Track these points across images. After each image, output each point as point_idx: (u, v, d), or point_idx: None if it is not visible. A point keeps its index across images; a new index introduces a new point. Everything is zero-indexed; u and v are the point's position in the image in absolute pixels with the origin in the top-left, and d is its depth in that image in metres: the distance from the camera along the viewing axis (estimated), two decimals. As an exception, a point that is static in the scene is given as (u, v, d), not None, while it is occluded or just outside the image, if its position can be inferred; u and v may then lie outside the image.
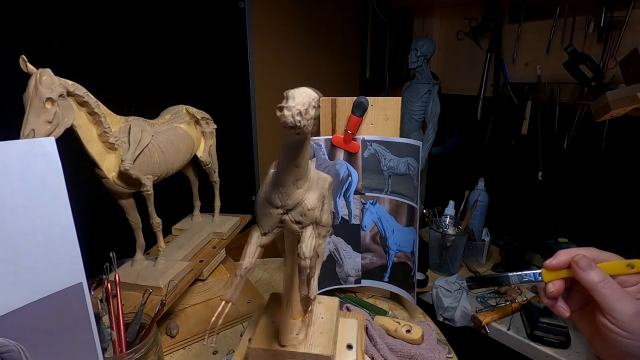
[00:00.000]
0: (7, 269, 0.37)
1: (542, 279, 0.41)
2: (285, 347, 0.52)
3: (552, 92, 1.24)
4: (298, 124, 0.33)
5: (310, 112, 0.34)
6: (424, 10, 1.54)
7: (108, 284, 0.55)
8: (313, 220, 0.44)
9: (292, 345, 0.52)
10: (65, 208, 0.41)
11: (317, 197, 0.44)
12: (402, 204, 0.81)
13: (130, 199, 0.70)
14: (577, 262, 0.38)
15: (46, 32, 0.80)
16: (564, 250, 0.40)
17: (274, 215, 0.44)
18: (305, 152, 0.40)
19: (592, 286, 0.36)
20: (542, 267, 0.41)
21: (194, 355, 0.71)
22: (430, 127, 1.39)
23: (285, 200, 0.43)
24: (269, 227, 0.45)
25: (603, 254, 0.39)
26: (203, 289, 0.85)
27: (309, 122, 0.34)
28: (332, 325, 0.55)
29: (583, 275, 0.37)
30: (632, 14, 1.06)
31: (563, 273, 0.40)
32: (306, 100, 0.34)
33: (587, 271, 0.37)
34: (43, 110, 0.50)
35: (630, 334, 0.35)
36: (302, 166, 0.41)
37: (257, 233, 0.45)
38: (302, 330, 0.54)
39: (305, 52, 1.45)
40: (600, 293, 0.36)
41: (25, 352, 0.39)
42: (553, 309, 0.41)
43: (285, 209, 0.44)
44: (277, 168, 0.43)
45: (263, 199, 0.44)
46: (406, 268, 0.84)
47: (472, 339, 1.07)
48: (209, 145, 0.87)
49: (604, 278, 0.36)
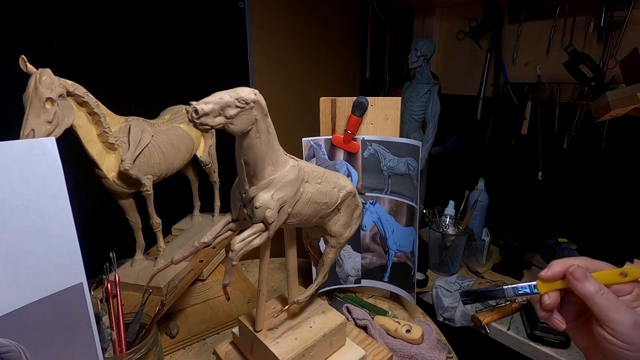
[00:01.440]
0: (8, 268, 0.37)
1: (537, 291, 0.40)
2: (258, 332, 0.54)
3: (552, 92, 1.24)
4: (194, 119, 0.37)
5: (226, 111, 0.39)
6: (424, 10, 1.54)
7: (108, 284, 0.54)
8: (262, 218, 0.45)
9: (263, 333, 0.54)
10: (66, 208, 0.41)
11: (273, 197, 0.45)
12: (402, 204, 0.81)
13: (130, 199, 0.70)
14: (572, 273, 0.37)
15: (46, 32, 0.80)
16: (557, 261, 0.40)
17: (237, 205, 0.48)
18: (250, 151, 0.43)
19: (589, 297, 0.36)
20: (537, 277, 0.41)
21: (194, 355, 0.71)
22: (430, 127, 1.39)
23: (242, 194, 0.47)
24: (236, 214, 0.49)
25: (595, 263, 0.39)
26: (203, 289, 0.85)
27: (212, 120, 0.38)
28: (312, 338, 0.54)
29: (579, 286, 0.37)
30: (632, 14, 1.06)
31: (558, 284, 0.39)
32: (214, 99, 0.38)
33: (582, 282, 0.36)
34: (43, 110, 0.50)
35: (629, 345, 0.34)
36: (251, 164, 0.44)
37: (228, 217, 0.49)
38: (281, 325, 0.56)
39: (305, 52, 1.45)
40: (597, 304, 0.35)
41: (25, 352, 0.39)
42: (549, 321, 0.40)
43: (243, 202, 0.47)
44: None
45: (234, 187, 0.48)
46: (406, 268, 0.84)
47: (472, 339, 1.07)
48: (208, 145, 0.87)
49: (599, 288, 0.36)
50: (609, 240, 1.19)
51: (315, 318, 0.58)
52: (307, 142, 0.80)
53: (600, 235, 1.21)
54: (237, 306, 0.82)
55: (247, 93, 0.40)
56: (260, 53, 1.26)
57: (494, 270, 1.27)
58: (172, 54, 1.03)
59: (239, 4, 1.16)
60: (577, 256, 0.40)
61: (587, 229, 1.23)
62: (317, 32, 1.47)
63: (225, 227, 0.49)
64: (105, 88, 0.63)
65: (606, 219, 1.21)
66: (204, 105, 0.36)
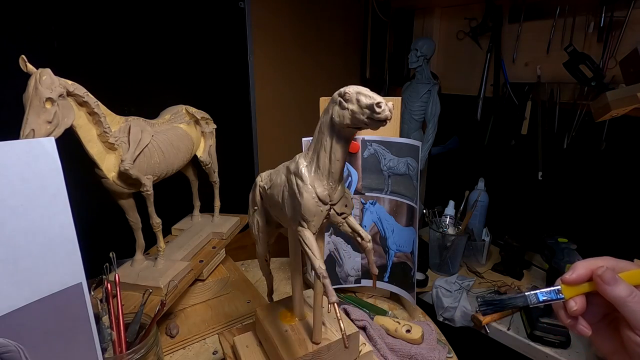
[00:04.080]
0: (7, 269, 0.37)
1: (562, 296, 0.37)
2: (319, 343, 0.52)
3: (552, 92, 1.24)
4: (390, 117, 0.37)
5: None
6: (424, 10, 1.54)
7: (108, 284, 0.54)
8: (353, 207, 0.46)
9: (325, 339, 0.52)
10: (65, 208, 0.41)
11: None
12: (402, 204, 0.82)
13: (130, 199, 0.70)
14: (601, 277, 0.34)
15: (46, 32, 0.80)
16: (581, 262, 0.37)
17: (323, 213, 0.44)
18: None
19: (620, 302, 0.33)
20: (559, 281, 0.37)
21: (194, 355, 0.71)
22: (430, 127, 1.39)
23: (332, 195, 0.44)
24: (319, 225, 0.44)
25: (621, 263, 0.36)
26: (203, 289, 0.85)
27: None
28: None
29: (609, 290, 0.34)
30: (632, 14, 1.06)
31: (584, 287, 0.36)
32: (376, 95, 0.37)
33: (612, 286, 0.34)
34: (43, 110, 0.50)
35: None
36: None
37: (312, 234, 0.44)
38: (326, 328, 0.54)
39: (305, 52, 1.45)
40: (630, 309, 0.33)
41: (25, 352, 0.39)
42: (573, 328, 0.37)
43: (331, 204, 0.44)
44: (321, 166, 0.43)
45: (313, 200, 0.43)
46: (406, 268, 0.84)
47: (472, 339, 1.07)
48: (208, 145, 0.87)
49: (631, 292, 0.33)
50: (609, 240, 1.19)
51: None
52: (307, 142, 0.80)
53: (600, 235, 1.21)
54: (237, 306, 0.82)
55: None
56: (260, 53, 1.26)
57: (494, 270, 1.27)
58: (172, 54, 1.04)
59: (239, 4, 1.16)
60: (599, 257, 0.37)
61: (587, 229, 1.23)
62: (317, 32, 1.48)
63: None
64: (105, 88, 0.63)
65: (606, 219, 1.21)
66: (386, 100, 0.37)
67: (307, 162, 0.44)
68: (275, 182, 0.49)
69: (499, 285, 1.17)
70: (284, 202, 0.46)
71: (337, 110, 0.40)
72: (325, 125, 0.42)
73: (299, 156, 0.46)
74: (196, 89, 1.12)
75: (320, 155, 0.43)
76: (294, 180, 0.44)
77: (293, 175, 0.44)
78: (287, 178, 0.46)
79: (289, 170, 0.45)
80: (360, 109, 0.38)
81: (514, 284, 1.17)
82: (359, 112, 0.38)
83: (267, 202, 0.53)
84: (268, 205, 0.53)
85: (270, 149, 1.39)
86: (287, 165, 0.47)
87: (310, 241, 0.43)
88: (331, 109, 0.41)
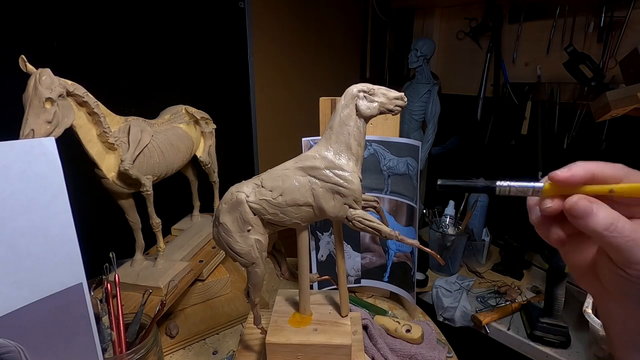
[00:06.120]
0: (7, 269, 0.37)
1: (540, 188, 0.31)
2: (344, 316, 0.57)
3: (552, 92, 1.24)
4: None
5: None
6: (424, 10, 1.54)
7: (108, 284, 0.54)
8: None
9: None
10: (65, 208, 0.41)
11: None
12: (402, 203, 0.81)
13: (129, 199, 0.70)
14: (571, 209, 0.28)
15: (46, 32, 0.80)
16: (581, 163, 0.30)
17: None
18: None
19: (598, 237, 0.27)
20: (547, 178, 0.31)
21: (194, 355, 0.71)
22: (430, 127, 1.39)
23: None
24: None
25: (633, 174, 0.29)
26: (203, 289, 0.85)
27: None
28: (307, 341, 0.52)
29: (583, 224, 0.27)
30: (632, 14, 1.06)
31: (568, 191, 0.30)
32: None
33: (586, 219, 0.27)
34: (43, 111, 0.50)
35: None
36: None
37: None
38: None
39: (305, 52, 1.45)
40: (610, 243, 0.26)
41: (25, 352, 0.39)
42: (547, 236, 0.32)
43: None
44: (354, 153, 0.48)
45: (361, 182, 0.48)
46: (406, 268, 0.84)
47: (472, 339, 1.07)
48: (208, 145, 0.87)
49: (609, 224, 0.26)
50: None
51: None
52: (307, 142, 0.80)
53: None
54: (237, 306, 0.82)
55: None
56: (260, 53, 1.26)
57: (494, 270, 1.27)
58: (172, 54, 1.04)
59: (239, 4, 1.16)
60: (607, 162, 0.30)
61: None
62: (317, 32, 1.48)
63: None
64: (105, 88, 0.63)
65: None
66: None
67: (334, 153, 0.47)
68: (290, 187, 0.46)
69: (499, 285, 1.17)
70: (319, 200, 0.47)
71: (364, 104, 0.47)
72: (347, 118, 0.47)
73: (316, 153, 0.47)
74: (196, 89, 1.12)
75: (351, 143, 0.47)
76: (331, 174, 0.46)
77: (327, 169, 0.47)
78: (315, 175, 0.47)
79: (315, 167, 0.47)
80: (389, 100, 0.47)
81: (514, 284, 1.17)
82: (388, 102, 0.47)
83: (275, 212, 0.48)
84: (278, 214, 0.48)
85: (270, 149, 1.39)
86: (299, 166, 0.47)
87: (368, 216, 0.48)
88: (352, 104, 0.47)
